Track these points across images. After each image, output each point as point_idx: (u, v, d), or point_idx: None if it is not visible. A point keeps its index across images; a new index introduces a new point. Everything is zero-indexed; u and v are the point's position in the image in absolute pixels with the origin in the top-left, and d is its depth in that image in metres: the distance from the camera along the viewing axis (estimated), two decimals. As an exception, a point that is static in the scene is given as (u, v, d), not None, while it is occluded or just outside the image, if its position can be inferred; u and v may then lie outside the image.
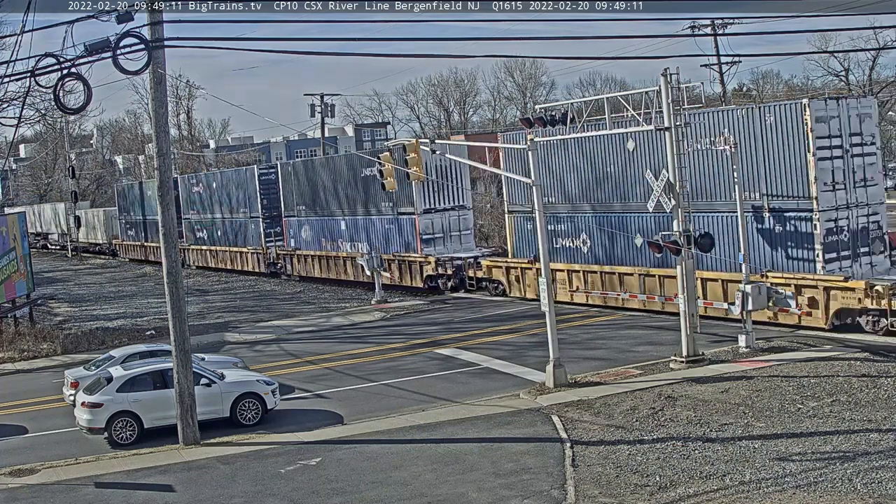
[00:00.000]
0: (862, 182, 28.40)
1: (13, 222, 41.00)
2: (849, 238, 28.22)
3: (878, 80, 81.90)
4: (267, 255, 53.89)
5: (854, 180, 28.27)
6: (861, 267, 28.48)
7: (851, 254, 28.31)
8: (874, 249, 28.81)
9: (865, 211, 28.60)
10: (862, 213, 28.50)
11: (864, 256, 28.66)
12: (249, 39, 33.92)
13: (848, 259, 28.21)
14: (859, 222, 28.45)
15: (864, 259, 28.64)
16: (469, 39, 51.21)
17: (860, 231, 28.50)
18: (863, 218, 28.54)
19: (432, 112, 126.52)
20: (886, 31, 62.34)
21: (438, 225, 42.91)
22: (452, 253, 42.15)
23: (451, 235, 43.14)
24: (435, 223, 42.79)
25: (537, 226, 24.56)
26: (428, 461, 18.47)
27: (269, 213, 54.53)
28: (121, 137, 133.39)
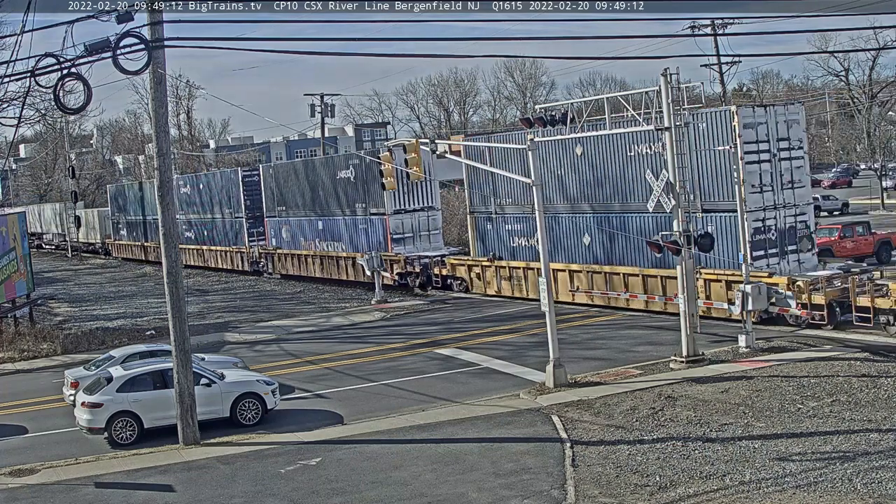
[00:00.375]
0: (790, 184, 30.13)
1: (13, 222, 41.00)
2: (776, 237, 29.98)
3: (878, 80, 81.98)
4: (250, 254, 55.62)
5: (782, 183, 29.97)
6: (789, 264, 30.15)
7: (779, 251, 30.00)
8: (802, 248, 30.46)
9: (793, 211, 30.29)
10: (790, 214, 30.22)
11: (792, 254, 30.34)
12: (249, 39, 33.85)
13: (776, 256, 29.88)
14: (787, 222, 30.17)
15: (792, 256, 30.32)
16: (469, 39, 51.28)
17: (788, 230, 30.19)
18: (790, 218, 30.25)
19: (432, 112, 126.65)
20: (886, 31, 62.39)
21: (408, 225, 44.59)
22: (421, 252, 43.76)
23: (420, 235, 44.87)
24: (405, 223, 44.51)
25: (537, 225, 24.55)
26: (428, 461, 18.47)
27: (252, 214, 56.11)
28: (121, 137, 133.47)
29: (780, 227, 30.04)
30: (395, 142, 41.22)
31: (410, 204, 44.79)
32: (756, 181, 29.37)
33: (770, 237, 29.85)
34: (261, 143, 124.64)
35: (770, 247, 29.83)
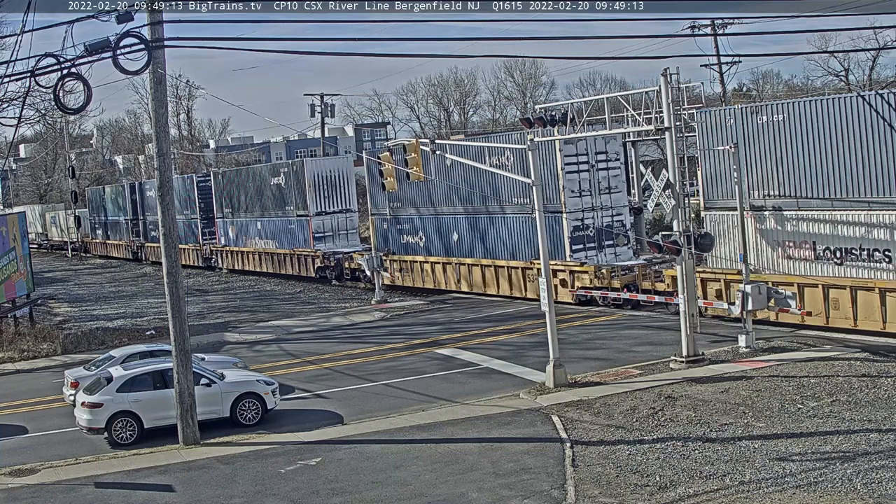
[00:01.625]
0: (607, 190, 35.72)
1: (13, 222, 41.01)
2: (594, 234, 35.57)
3: (878, 80, 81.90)
4: (203, 251, 61.87)
5: (599, 189, 35.51)
6: (606, 256, 35.54)
7: (597, 246, 35.59)
8: (618, 242, 36.31)
9: (610, 213, 36.01)
10: (607, 215, 35.86)
11: (609, 248, 36.02)
12: (249, 39, 33.87)
13: (593, 250, 35.33)
14: (604, 221, 35.92)
15: (609, 250, 35.93)
16: (469, 39, 51.24)
17: (605, 228, 35.95)
18: (607, 218, 35.97)
19: (432, 112, 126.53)
20: (886, 31, 62.29)
21: (328, 225, 50.80)
22: (338, 249, 49.62)
23: (339, 234, 50.97)
24: (325, 223, 50.67)
25: (537, 225, 24.57)
26: (428, 461, 18.47)
27: (205, 215, 62.10)
28: (121, 137, 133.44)
29: (598, 225, 35.71)
30: (396, 142, 41.51)
31: (331, 207, 51.02)
32: (575, 188, 34.87)
33: (588, 234, 35.48)
34: (261, 143, 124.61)
35: (588, 242, 35.48)
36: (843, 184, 26.45)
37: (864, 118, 25.60)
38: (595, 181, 35.36)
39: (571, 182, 34.84)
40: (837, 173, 26.57)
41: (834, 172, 26.64)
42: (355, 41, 66.83)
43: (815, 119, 26.86)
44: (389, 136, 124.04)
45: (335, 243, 50.56)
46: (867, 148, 25.59)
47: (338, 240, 50.89)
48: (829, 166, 26.73)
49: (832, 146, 26.54)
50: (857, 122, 25.80)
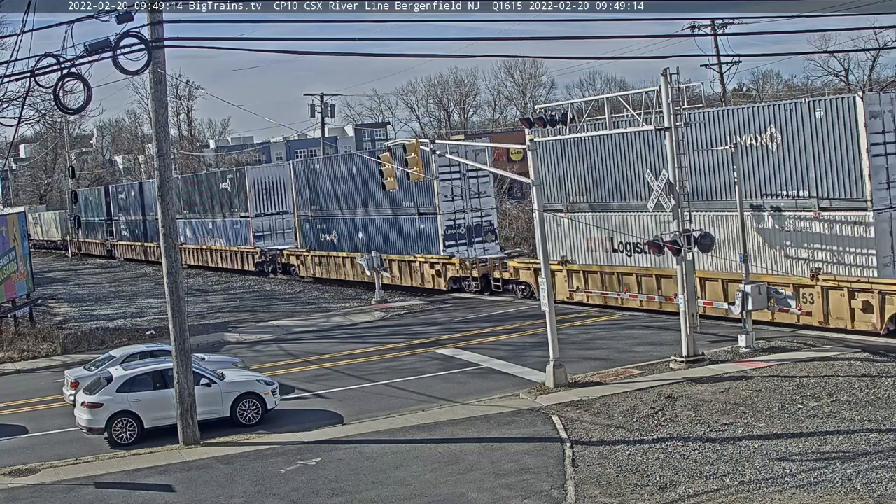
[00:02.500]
0: (477, 195, 41.94)
1: (13, 222, 41.01)
2: (465, 231, 41.68)
3: (878, 80, 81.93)
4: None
5: (470, 194, 41.75)
6: (475, 251, 41.49)
7: (467, 242, 41.75)
8: (487, 239, 42.21)
9: (479, 214, 42.03)
10: (476, 216, 41.89)
11: (479, 244, 41.97)
12: (249, 39, 33.98)
13: (464, 245, 41.55)
14: (474, 221, 41.93)
15: (479, 245, 41.84)
16: (469, 39, 51.16)
17: (475, 227, 41.94)
18: (477, 218, 41.97)
19: (432, 112, 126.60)
20: (886, 31, 62.35)
21: (267, 225, 56.39)
22: (273, 246, 55.11)
23: (276, 233, 56.37)
24: (264, 223, 56.36)
25: (535, 225, 24.57)
26: (428, 461, 18.48)
27: None
28: (121, 137, 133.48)
29: (469, 224, 41.68)
30: (396, 142, 41.79)
31: (269, 209, 56.62)
32: (448, 193, 41.12)
33: (460, 232, 41.46)
34: (261, 143, 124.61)
35: (460, 239, 41.50)
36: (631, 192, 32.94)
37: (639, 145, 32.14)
38: (466, 187, 41.44)
39: (445, 188, 40.94)
40: (628, 184, 33.05)
41: (624, 184, 33.23)
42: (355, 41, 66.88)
43: (609, 145, 33.37)
44: (389, 136, 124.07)
45: (273, 241, 55.93)
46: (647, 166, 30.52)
47: (275, 238, 56.12)
48: (623, 179, 33.21)
49: (623, 164, 33.15)
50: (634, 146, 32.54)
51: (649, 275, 32.03)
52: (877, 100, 26.49)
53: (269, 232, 56.22)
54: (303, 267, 51.44)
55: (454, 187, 41.03)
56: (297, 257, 52.02)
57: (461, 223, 41.39)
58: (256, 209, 56.24)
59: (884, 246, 26.22)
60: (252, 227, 56.08)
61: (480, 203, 41.85)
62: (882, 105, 26.24)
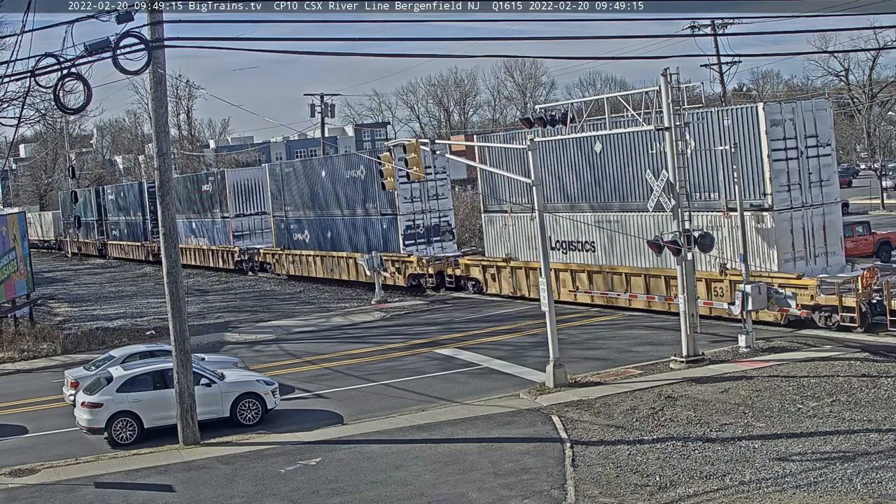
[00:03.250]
0: (435, 196, 43.93)
1: (13, 222, 41.00)
2: (424, 231, 43.77)
3: (878, 80, 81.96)
4: (151, 248, 68.63)
5: (429, 196, 43.72)
6: (434, 250, 43.57)
7: (426, 241, 43.67)
8: (444, 238, 44.24)
9: (437, 215, 44.19)
10: (434, 216, 44.07)
11: (437, 243, 43.93)
12: (249, 39, 33.86)
13: (423, 244, 43.56)
14: (433, 221, 44.00)
15: (437, 244, 43.99)
16: (469, 39, 51.15)
17: (433, 227, 43.98)
18: (436, 219, 44.11)
19: (432, 112, 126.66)
20: (886, 31, 62.35)
21: (246, 225, 59.12)
22: (251, 245, 58.03)
23: (255, 233, 58.94)
24: (244, 224, 59.11)
25: (536, 225, 24.57)
26: (428, 461, 18.47)
27: (153, 217, 68.18)
28: (121, 137, 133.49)
29: (427, 224, 43.83)
30: (395, 142, 41.71)
31: (248, 210, 59.25)
32: (407, 195, 43.19)
33: (419, 231, 43.67)
34: (261, 143, 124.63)
35: (419, 238, 43.71)
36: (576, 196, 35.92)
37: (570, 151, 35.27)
38: (425, 189, 43.48)
39: (405, 191, 42.84)
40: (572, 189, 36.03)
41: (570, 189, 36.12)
42: (355, 41, 66.90)
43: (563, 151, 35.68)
44: (389, 136, 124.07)
45: (252, 241, 58.53)
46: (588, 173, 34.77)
47: (254, 238, 58.65)
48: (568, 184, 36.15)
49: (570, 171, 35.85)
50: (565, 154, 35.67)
51: (582, 270, 35.22)
52: (777, 109, 28.95)
53: (248, 232, 58.82)
54: (278, 265, 54.11)
55: (413, 190, 43.11)
56: (273, 255, 54.71)
57: (420, 223, 43.83)
58: (236, 210, 59.06)
59: (784, 243, 28.66)
60: (232, 227, 59.10)
61: (438, 205, 44.28)
62: (783, 114, 28.69)
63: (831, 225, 29.69)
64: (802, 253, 28.97)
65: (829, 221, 29.55)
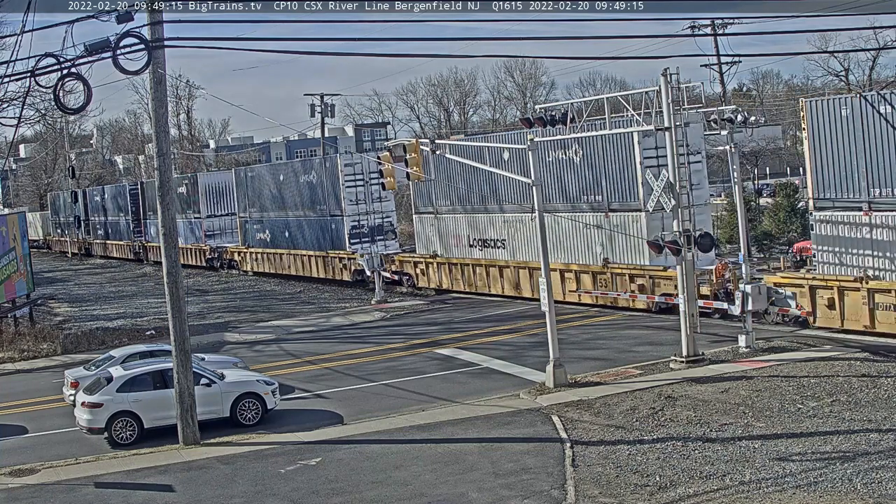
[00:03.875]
0: (378, 199, 47.81)
1: (13, 222, 41.00)
2: (368, 231, 48.06)
3: (878, 80, 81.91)
4: (133, 246, 74.32)
5: (372, 199, 47.96)
6: (377, 248, 46.87)
7: (370, 240, 47.81)
8: (388, 237, 48.41)
9: (381, 216, 48.24)
10: (378, 217, 48.19)
11: (380, 241, 47.93)
12: (249, 39, 33.82)
13: (367, 243, 47.42)
14: (376, 222, 48.18)
15: (380, 243, 47.80)
16: (469, 39, 51.22)
17: (377, 226, 48.22)
18: (379, 219, 48.19)
19: (432, 112, 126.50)
20: (886, 31, 62.28)
21: (217, 225, 62.94)
22: (221, 244, 62.04)
23: (225, 232, 62.59)
24: (215, 224, 63.03)
25: (537, 224, 24.57)
26: (428, 461, 18.48)
27: (135, 217, 74.51)
28: (121, 137, 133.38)
29: (371, 224, 47.96)
30: (396, 141, 41.71)
31: (219, 211, 63.00)
32: (353, 198, 47.51)
33: (363, 231, 47.84)
34: (261, 143, 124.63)
35: (363, 237, 47.83)
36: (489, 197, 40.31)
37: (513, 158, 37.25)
38: (368, 192, 47.69)
39: (350, 193, 47.54)
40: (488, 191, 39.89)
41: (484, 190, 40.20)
42: (355, 41, 66.91)
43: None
44: (389, 136, 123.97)
45: (222, 239, 62.47)
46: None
47: (224, 237, 62.46)
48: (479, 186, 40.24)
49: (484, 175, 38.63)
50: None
51: (494, 265, 39.35)
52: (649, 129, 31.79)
53: (218, 231, 62.79)
54: (244, 262, 58.54)
55: (358, 193, 47.62)
56: (239, 253, 59.33)
57: (364, 224, 48.05)
58: (207, 211, 63.10)
59: None
60: (204, 227, 63.26)
61: (381, 206, 48.30)
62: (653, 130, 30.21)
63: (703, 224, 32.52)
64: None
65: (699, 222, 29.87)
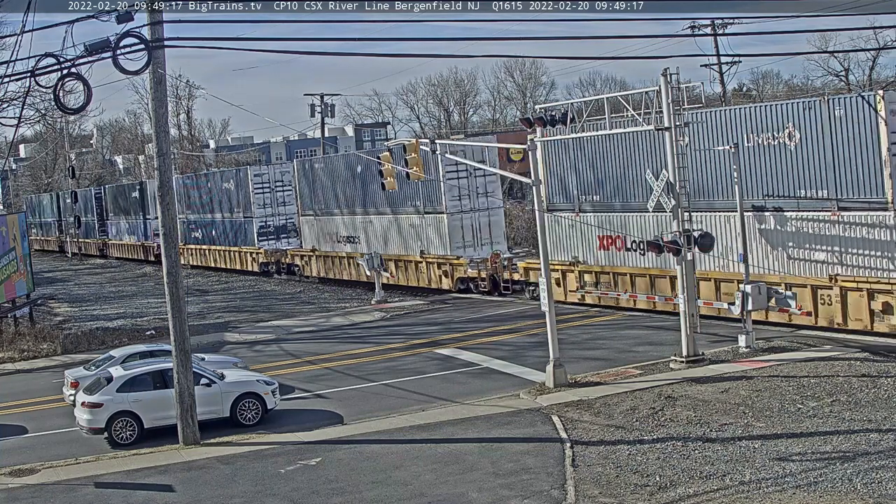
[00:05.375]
0: (282, 203, 56.17)
1: (13, 222, 41.00)
2: (274, 230, 56.48)
3: (878, 80, 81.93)
4: (98, 244, 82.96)
5: (277, 202, 56.36)
6: (281, 244, 55.66)
7: (275, 238, 56.29)
8: (290, 235, 55.84)
9: (284, 217, 56.13)
10: (282, 218, 56.29)
11: (284, 239, 56.02)
12: (249, 39, 34.01)
13: (273, 240, 56.13)
14: (281, 222, 56.48)
15: (284, 239, 56.10)
16: (469, 39, 51.10)
17: (281, 226, 56.56)
18: (283, 220, 56.33)
19: (432, 112, 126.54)
20: (886, 31, 62.36)
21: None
22: None
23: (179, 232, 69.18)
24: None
25: (537, 224, 24.58)
26: (428, 461, 18.48)
27: (99, 218, 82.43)
28: (121, 137, 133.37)
29: (277, 224, 56.42)
30: (396, 141, 41.86)
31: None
32: (261, 202, 56.13)
33: (269, 230, 56.37)
34: (261, 143, 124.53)
35: (269, 235, 56.22)
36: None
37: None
38: (274, 197, 56.16)
39: (258, 198, 56.00)
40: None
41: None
42: (355, 41, 66.95)
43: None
44: (389, 136, 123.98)
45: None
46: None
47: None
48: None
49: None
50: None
51: (350, 257, 47.32)
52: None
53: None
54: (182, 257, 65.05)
55: (265, 198, 56.23)
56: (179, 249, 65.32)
57: (271, 224, 56.39)
58: (155, 213, 66.78)
59: (455, 236, 41.06)
60: (153, 227, 69.01)
61: (285, 210, 56.24)
62: (457, 146, 39.30)
63: (496, 223, 42.38)
64: (471, 242, 41.26)
65: (493, 221, 42.24)
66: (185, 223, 65.49)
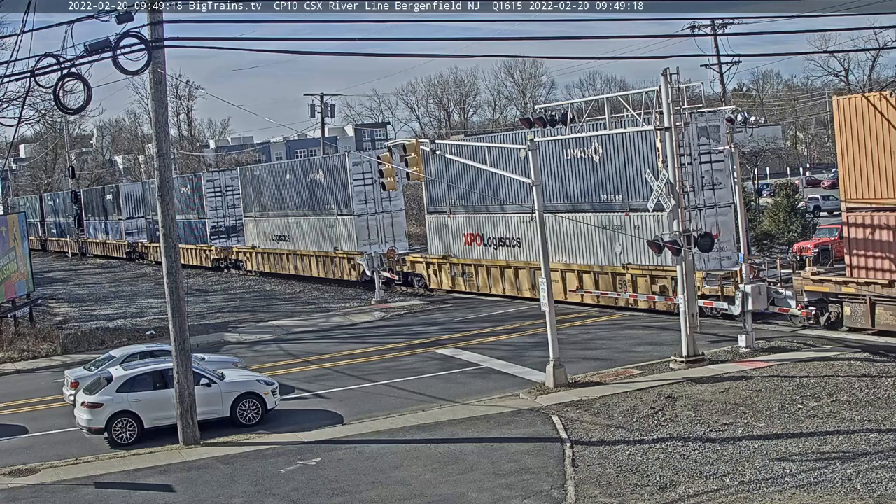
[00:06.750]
0: (232, 205, 61.02)
1: (13, 222, 40.99)
2: (224, 230, 61.76)
3: (878, 80, 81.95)
4: (77, 242, 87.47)
5: (227, 205, 61.50)
6: (231, 242, 60.99)
7: (226, 236, 61.28)
8: (239, 235, 60.03)
9: (234, 218, 61.01)
10: (232, 219, 61.47)
11: (234, 238, 60.90)
12: (249, 39, 33.87)
13: (224, 239, 61.60)
14: (230, 223, 61.55)
15: (234, 238, 60.78)
16: (469, 39, 51.27)
17: (231, 226, 61.33)
18: (232, 221, 61.30)
19: (432, 112, 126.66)
20: (886, 31, 62.30)
21: (135, 225, 75.70)
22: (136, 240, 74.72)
23: (141, 231, 74.64)
24: (133, 224, 76.04)
25: (536, 224, 24.57)
26: (428, 461, 18.48)
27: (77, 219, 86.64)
28: (121, 137, 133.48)
29: (227, 225, 61.54)
30: (396, 142, 41.69)
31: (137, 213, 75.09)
32: (213, 204, 61.82)
33: (221, 230, 61.67)
34: (261, 143, 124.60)
35: (221, 234, 61.51)
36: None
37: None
38: (225, 200, 61.73)
39: (210, 201, 61.78)
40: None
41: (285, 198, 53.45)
42: (355, 41, 66.98)
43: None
44: (389, 136, 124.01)
45: (138, 237, 75.00)
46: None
47: (140, 235, 74.73)
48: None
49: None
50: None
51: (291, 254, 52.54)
52: (358, 157, 48.17)
53: (136, 230, 75.39)
54: (150, 255, 70.91)
55: (217, 201, 61.89)
56: (146, 247, 72.88)
57: (222, 224, 62.07)
58: (127, 214, 76.60)
59: (362, 235, 45.78)
60: (124, 227, 76.83)
61: (234, 211, 61.25)
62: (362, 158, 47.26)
63: (398, 224, 46.70)
64: (376, 240, 45.56)
65: (395, 222, 46.69)
66: (149, 223, 70.73)
